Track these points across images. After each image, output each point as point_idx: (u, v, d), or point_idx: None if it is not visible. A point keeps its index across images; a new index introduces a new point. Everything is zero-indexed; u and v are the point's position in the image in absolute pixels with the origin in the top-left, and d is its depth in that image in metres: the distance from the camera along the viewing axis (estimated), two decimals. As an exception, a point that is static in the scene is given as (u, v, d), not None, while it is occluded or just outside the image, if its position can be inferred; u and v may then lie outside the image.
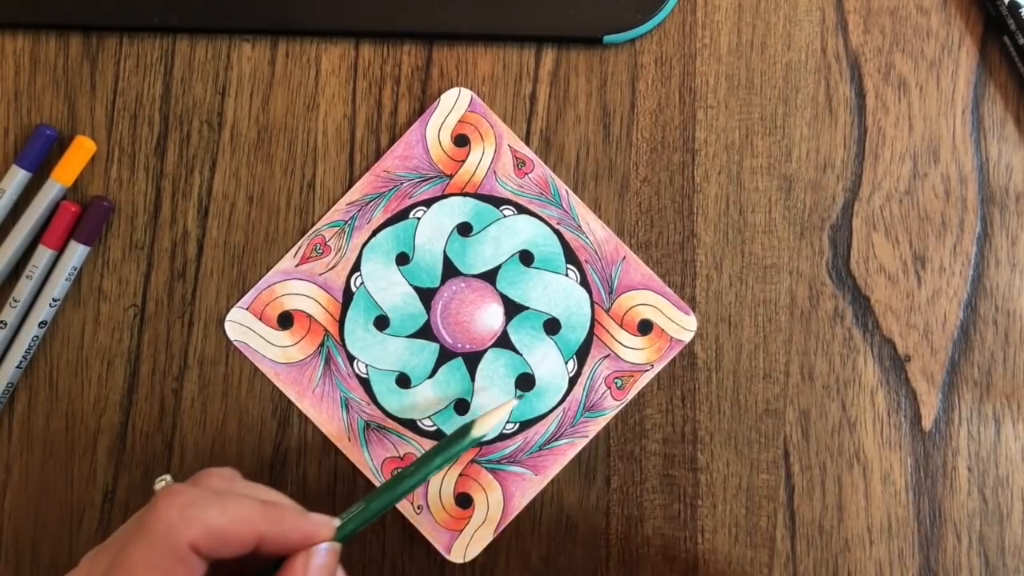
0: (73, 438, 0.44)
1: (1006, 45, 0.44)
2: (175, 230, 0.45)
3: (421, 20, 0.44)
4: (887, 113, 0.45)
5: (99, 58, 0.45)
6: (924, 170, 0.45)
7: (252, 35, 0.45)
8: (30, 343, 0.44)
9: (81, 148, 0.44)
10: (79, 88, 0.45)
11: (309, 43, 0.45)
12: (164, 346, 0.44)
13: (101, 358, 0.44)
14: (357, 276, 0.44)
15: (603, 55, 0.45)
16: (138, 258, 0.45)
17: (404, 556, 0.44)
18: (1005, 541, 0.44)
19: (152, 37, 0.45)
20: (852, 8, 0.45)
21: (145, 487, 0.44)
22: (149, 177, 0.45)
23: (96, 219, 0.44)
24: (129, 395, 0.44)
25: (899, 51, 0.45)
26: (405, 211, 0.44)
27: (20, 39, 0.45)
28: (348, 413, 0.44)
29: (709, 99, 0.45)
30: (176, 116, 0.45)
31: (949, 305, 0.44)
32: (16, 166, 0.44)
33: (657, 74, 0.45)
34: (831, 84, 0.45)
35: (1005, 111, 0.45)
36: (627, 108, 0.45)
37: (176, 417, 0.44)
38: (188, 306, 0.45)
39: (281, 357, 0.44)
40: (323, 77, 0.45)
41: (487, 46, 0.45)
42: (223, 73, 0.45)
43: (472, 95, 0.45)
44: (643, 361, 0.44)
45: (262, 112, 0.45)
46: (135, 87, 0.45)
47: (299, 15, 0.45)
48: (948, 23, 0.45)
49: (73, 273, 0.44)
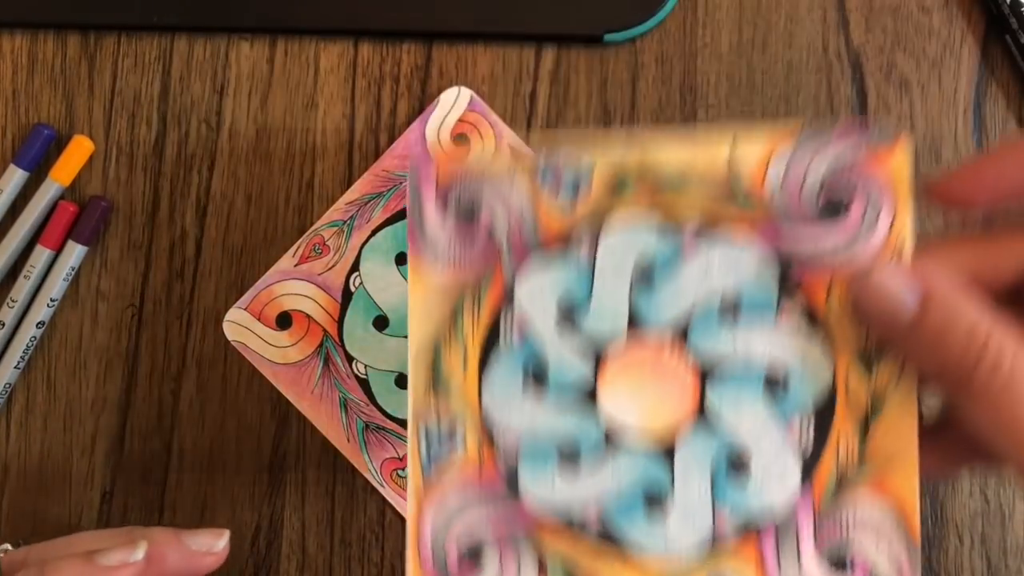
0: (71, 439, 0.44)
1: (1008, 44, 0.44)
2: (173, 230, 0.45)
3: (420, 19, 0.44)
4: (889, 112, 0.45)
5: (97, 57, 0.45)
6: (926, 170, 0.44)
7: (251, 34, 0.45)
8: (28, 343, 0.43)
9: (79, 147, 0.44)
10: (77, 87, 0.45)
11: (308, 42, 0.45)
12: (162, 346, 0.44)
13: (99, 358, 0.44)
14: (356, 276, 0.44)
15: (603, 54, 0.45)
16: (136, 258, 0.45)
17: (404, 557, 0.44)
18: (1007, 542, 0.43)
19: (150, 36, 0.45)
20: (853, 7, 0.45)
21: (144, 488, 0.44)
22: (147, 177, 0.45)
23: (94, 219, 0.44)
24: (127, 395, 0.44)
25: (901, 50, 0.45)
26: (404, 211, 0.44)
27: (18, 38, 0.45)
28: (347, 414, 0.44)
29: (710, 98, 0.45)
30: (174, 115, 0.45)
31: (951, 305, 0.44)
32: (14, 165, 0.44)
33: (658, 73, 0.45)
34: (832, 83, 0.45)
35: (1007, 110, 0.45)
36: (627, 107, 0.45)
37: (174, 418, 0.44)
38: (186, 306, 0.44)
39: (280, 357, 0.44)
40: (322, 76, 0.45)
41: (487, 45, 0.45)
42: (221, 72, 0.45)
43: (472, 94, 0.44)
44: None
45: (260, 111, 0.45)
46: (133, 86, 0.45)
47: (298, 14, 0.44)
48: (950, 22, 0.45)
49: (71, 273, 0.44)
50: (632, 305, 0.31)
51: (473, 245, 0.32)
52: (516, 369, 0.32)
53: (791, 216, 0.30)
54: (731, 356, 0.31)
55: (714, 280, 0.31)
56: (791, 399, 0.31)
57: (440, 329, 0.32)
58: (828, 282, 0.30)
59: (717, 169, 0.31)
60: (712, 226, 0.31)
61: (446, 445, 0.32)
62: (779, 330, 0.31)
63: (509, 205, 0.31)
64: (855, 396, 0.30)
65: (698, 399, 0.31)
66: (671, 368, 0.31)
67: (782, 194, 0.30)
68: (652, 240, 0.31)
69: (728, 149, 0.31)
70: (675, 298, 0.31)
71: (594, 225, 0.31)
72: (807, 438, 0.31)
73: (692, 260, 0.31)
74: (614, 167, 0.31)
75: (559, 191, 0.31)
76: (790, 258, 0.30)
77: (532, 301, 0.32)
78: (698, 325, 0.31)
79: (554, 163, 0.31)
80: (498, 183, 0.32)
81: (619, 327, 0.31)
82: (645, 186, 0.31)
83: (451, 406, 0.32)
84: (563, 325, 0.31)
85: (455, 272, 0.32)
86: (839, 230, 0.30)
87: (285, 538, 0.44)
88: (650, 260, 0.31)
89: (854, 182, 0.30)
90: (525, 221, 0.31)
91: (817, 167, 0.30)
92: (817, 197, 0.30)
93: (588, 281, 0.32)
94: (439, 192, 0.32)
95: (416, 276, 0.32)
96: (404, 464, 0.44)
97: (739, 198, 0.31)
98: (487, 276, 0.32)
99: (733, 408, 0.31)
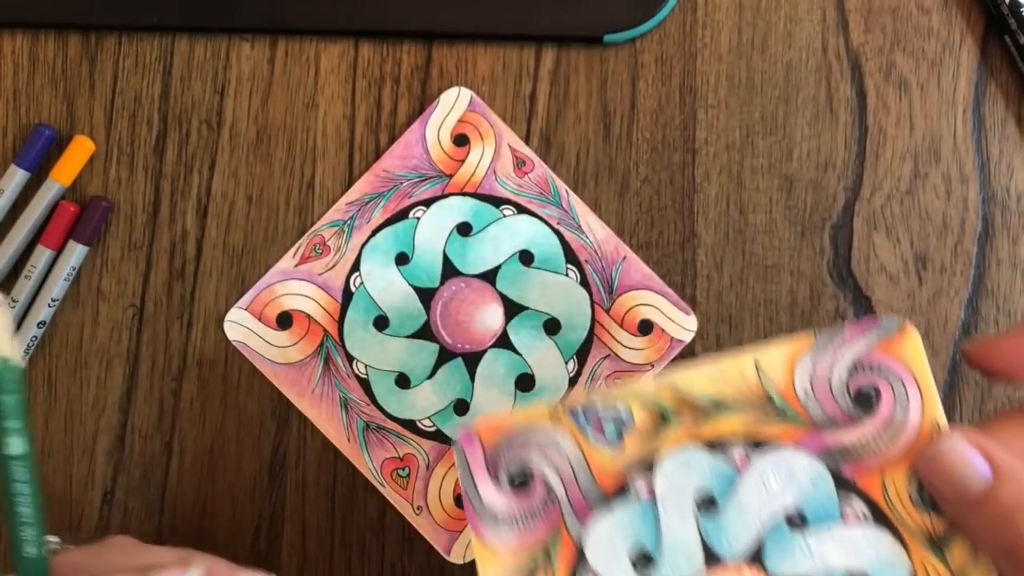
0: (72, 439, 0.44)
1: (1007, 44, 0.44)
2: (174, 230, 0.45)
3: (421, 19, 0.44)
4: (888, 112, 0.45)
5: (98, 57, 0.45)
6: (925, 170, 0.44)
7: (251, 34, 0.45)
8: (29, 343, 0.44)
9: (80, 148, 0.44)
10: (78, 88, 0.45)
11: (308, 42, 0.45)
12: (163, 346, 0.44)
13: (100, 358, 0.44)
14: (356, 276, 0.44)
15: (603, 54, 0.45)
16: (137, 258, 0.45)
17: (404, 557, 0.44)
18: (1006, 542, 0.43)
19: (151, 36, 0.45)
20: (853, 7, 0.45)
21: (144, 488, 0.44)
22: (148, 177, 0.45)
23: (95, 219, 0.44)
24: (128, 395, 0.44)
25: (900, 50, 0.45)
26: (405, 211, 0.44)
27: (19, 38, 0.45)
28: (347, 413, 0.44)
29: (710, 98, 0.45)
30: (175, 116, 0.45)
31: (950, 305, 0.44)
32: (15, 166, 0.44)
33: (657, 73, 0.45)
34: (832, 83, 0.45)
35: (1006, 111, 0.45)
36: (627, 107, 0.45)
37: (175, 417, 0.44)
38: (187, 306, 0.44)
39: (280, 357, 0.44)
40: (322, 76, 0.45)
41: (487, 45, 0.45)
42: (222, 72, 0.45)
43: (472, 95, 0.45)
44: (643, 361, 0.44)
45: (261, 111, 0.45)
46: (134, 87, 0.45)
47: (298, 14, 0.44)
48: (949, 22, 0.45)
49: (72, 273, 0.44)
50: (703, 536, 0.31)
51: (533, 509, 0.32)
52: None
53: (829, 418, 0.32)
54: (810, 570, 0.31)
55: (773, 494, 0.31)
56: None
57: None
58: (881, 474, 0.31)
59: (750, 390, 0.32)
60: (758, 443, 0.32)
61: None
62: (848, 532, 0.31)
63: (559, 461, 0.32)
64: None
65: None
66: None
67: (815, 400, 0.32)
68: (706, 467, 0.32)
69: (754, 370, 0.32)
70: (742, 521, 0.31)
71: (646, 463, 0.32)
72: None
73: (748, 479, 0.32)
74: (652, 404, 0.32)
75: (605, 438, 0.32)
76: (838, 458, 0.31)
77: (604, 554, 0.31)
78: (771, 545, 0.31)
79: (592, 412, 0.32)
80: (544, 443, 0.32)
81: (696, 563, 0.31)
82: (686, 416, 0.32)
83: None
84: (641, 572, 0.31)
85: (521, 539, 0.32)
86: (876, 420, 0.31)
87: (285, 538, 0.44)
88: (708, 487, 0.32)
89: (876, 373, 0.32)
90: (579, 474, 0.32)
91: (839, 368, 0.32)
92: (846, 395, 0.32)
93: (654, 521, 0.32)
94: (488, 462, 0.32)
95: (483, 550, 0.32)
96: (404, 464, 0.44)
97: (777, 413, 0.32)
98: (554, 537, 0.32)
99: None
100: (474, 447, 0.32)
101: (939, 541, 0.31)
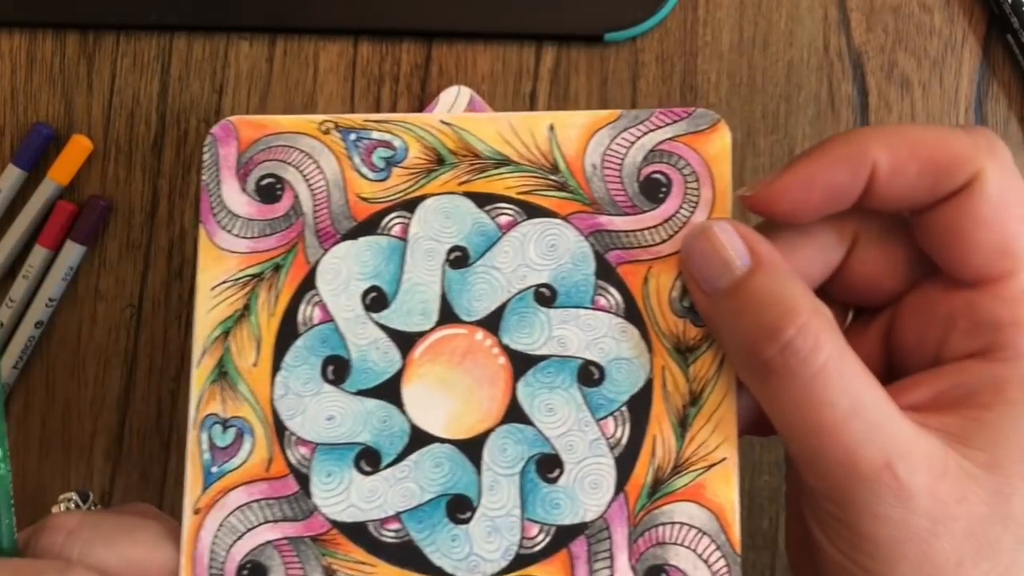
0: (69, 439, 0.44)
1: (1009, 43, 0.44)
2: (172, 229, 0.44)
3: (420, 18, 0.44)
4: (890, 111, 0.44)
5: (96, 56, 0.45)
6: (927, 169, 0.44)
7: (250, 33, 0.45)
8: (26, 343, 0.43)
9: (78, 147, 0.44)
10: (76, 87, 0.45)
11: (307, 41, 0.45)
12: (161, 346, 0.44)
13: (98, 358, 0.44)
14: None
15: (604, 53, 0.45)
16: (135, 258, 0.44)
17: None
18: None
19: (149, 35, 0.45)
20: (854, 6, 0.45)
21: (143, 488, 0.44)
22: (146, 176, 0.45)
23: (93, 218, 0.44)
24: (126, 396, 0.44)
25: (902, 49, 0.45)
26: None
27: (16, 37, 0.45)
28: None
29: (711, 97, 0.45)
30: (173, 115, 0.45)
31: (952, 305, 0.44)
32: (12, 165, 0.44)
33: (658, 72, 0.45)
34: (833, 82, 0.45)
35: (1008, 110, 0.45)
36: (628, 107, 0.45)
37: (173, 418, 0.44)
38: (185, 306, 0.44)
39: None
40: (321, 75, 0.45)
41: (487, 44, 0.45)
42: (220, 71, 0.45)
43: (472, 93, 0.44)
44: None
45: (260, 110, 0.45)
46: (132, 85, 0.45)
47: (297, 13, 0.44)
48: (951, 21, 0.45)
49: (70, 273, 0.44)
50: (444, 292, 0.29)
51: (275, 220, 0.30)
52: (314, 360, 0.29)
53: (610, 200, 0.29)
54: (544, 348, 0.29)
55: (529, 263, 0.29)
56: (606, 395, 0.29)
57: (231, 317, 0.29)
58: (647, 269, 0.29)
59: (538, 152, 0.30)
60: (530, 209, 0.29)
61: (232, 447, 0.29)
62: (594, 320, 0.29)
63: (316, 178, 0.29)
64: (672, 391, 0.29)
65: (510, 395, 0.29)
66: (483, 361, 0.29)
67: (600, 178, 0.29)
68: (468, 220, 0.29)
69: (547, 132, 0.30)
70: (489, 283, 0.29)
71: (408, 203, 0.29)
72: (622, 438, 0.28)
73: (507, 242, 0.29)
74: (431, 143, 0.30)
75: (371, 165, 0.29)
76: (608, 243, 0.29)
77: (335, 282, 0.29)
78: (511, 315, 0.29)
79: (365, 137, 0.30)
80: (304, 155, 0.29)
81: (430, 316, 0.29)
82: (464, 165, 0.30)
83: (240, 402, 0.29)
84: (369, 313, 0.29)
85: (253, 247, 0.29)
86: (658, 212, 0.29)
87: (284, 539, 0.44)
88: (464, 242, 0.29)
89: (672, 164, 0.29)
90: (334, 196, 0.29)
91: (636, 150, 0.29)
92: (636, 180, 0.29)
93: (398, 262, 0.29)
94: (240, 161, 0.30)
95: (210, 250, 0.29)
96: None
97: (558, 183, 0.30)
98: (289, 255, 0.29)
99: (544, 405, 0.29)
100: (229, 142, 0.29)
101: (686, 351, 0.29)
